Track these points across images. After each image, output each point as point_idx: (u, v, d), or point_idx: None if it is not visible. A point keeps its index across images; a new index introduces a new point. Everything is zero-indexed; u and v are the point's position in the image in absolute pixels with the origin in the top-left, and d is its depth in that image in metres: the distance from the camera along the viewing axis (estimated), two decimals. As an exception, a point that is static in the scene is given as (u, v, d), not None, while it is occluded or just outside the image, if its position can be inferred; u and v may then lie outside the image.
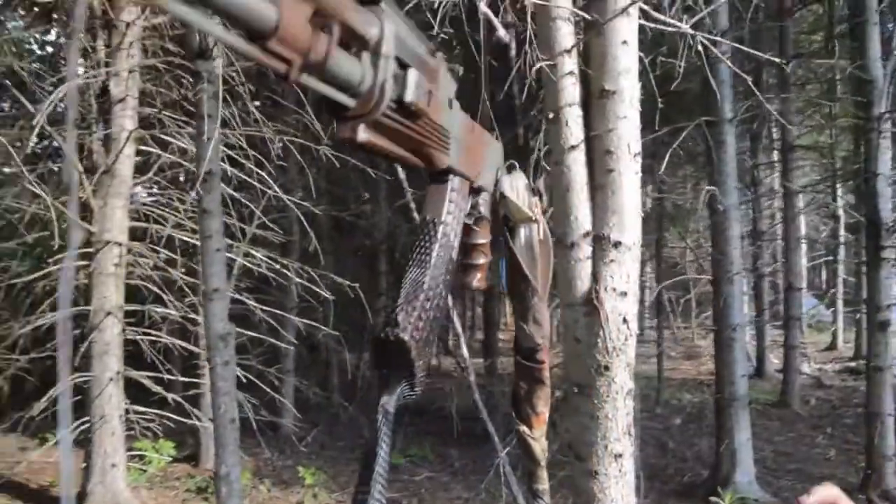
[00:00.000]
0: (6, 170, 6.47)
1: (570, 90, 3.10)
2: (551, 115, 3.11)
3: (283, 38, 0.42)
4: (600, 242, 3.04)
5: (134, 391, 6.80)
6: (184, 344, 7.07)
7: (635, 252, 3.01)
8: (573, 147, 3.09)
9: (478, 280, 0.89)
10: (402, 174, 5.37)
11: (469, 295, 15.45)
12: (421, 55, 0.59)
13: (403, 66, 0.56)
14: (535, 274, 0.88)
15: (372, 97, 0.52)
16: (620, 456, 2.89)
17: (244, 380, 7.23)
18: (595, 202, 3.11)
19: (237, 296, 7.64)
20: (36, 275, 6.87)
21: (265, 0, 0.41)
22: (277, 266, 7.91)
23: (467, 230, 0.87)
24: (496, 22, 3.05)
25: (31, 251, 7.97)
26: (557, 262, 3.28)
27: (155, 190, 7.65)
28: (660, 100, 3.63)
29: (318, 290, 7.60)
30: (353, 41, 0.50)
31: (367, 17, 0.51)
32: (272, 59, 0.43)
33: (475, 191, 0.85)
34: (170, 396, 6.80)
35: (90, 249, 6.61)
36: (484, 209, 0.86)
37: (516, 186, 0.88)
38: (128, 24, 6.45)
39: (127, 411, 6.45)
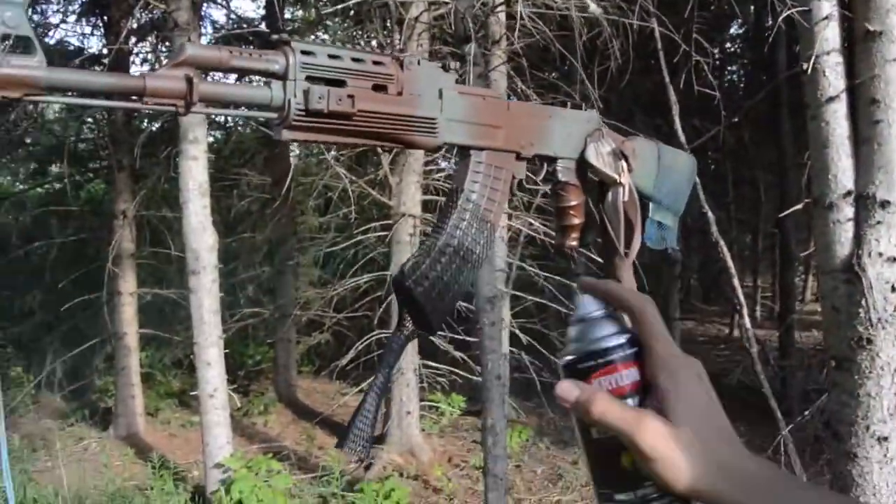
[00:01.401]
0: (322, 156, 7.50)
1: (828, 36, 2.82)
2: (805, 66, 2.86)
3: (154, 95, 0.65)
4: (864, 202, 2.76)
5: (430, 348, 7.54)
6: (469, 306, 7.62)
7: (908, 212, 2.67)
8: (832, 98, 2.82)
9: (572, 240, 0.98)
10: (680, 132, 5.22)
11: (768, 262, 14.33)
12: (358, 68, 0.77)
13: (331, 82, 0.74)
14: (618, 235, 0.93)
15: (283, 110, 0.72)
16: (885, 439, 2.61)
17: (524, 342, 7.60)
18: (858, 158, 2.82)
19: (521, 263, 8.03)
20: (347, 243, 7.91)
21: (133, 78, 0.65)
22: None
23: (556, 196, 0.96)
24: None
25: (349, 224, 9.16)
26: (814, 226, 3.01)
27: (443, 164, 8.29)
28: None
29: (594, 256, 7.65)
30: (261, 76, 0.73)
31: (271, 57, 0.72)
32: (157, 107, 0.66)
33: (548, 159, 0.93)
34: (458, 355, 7.40)
35: (389, 221, 7.41)
36: (563, 175, 0.95)
37: (601, 152, 0.94)
38: (416, 18, 7.05)
39: (421, 366, 7.19)
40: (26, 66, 0.61)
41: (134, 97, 0.66)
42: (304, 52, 0.73)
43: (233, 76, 0.85)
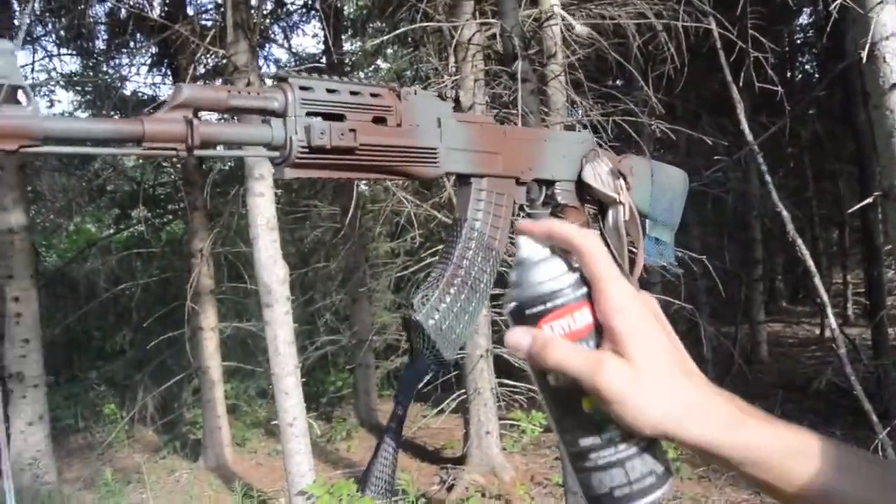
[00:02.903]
0: (387, 183, 7.60)
1: (885, 21, 2.69)
2: (863, 54, 2.74)
3: (153, 139, 0.64)
4: (937, 192, 2.60)
5: (506, 366, 7.50)
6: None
7: None
8: (895, 85, 2.68)
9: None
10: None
11: (854, 258, 13.67)
12: (356, 101, 0.76)
13: (330, 116, 0.74)
14: (622, 255, 0.91)
15: (285, 148, 0.71)
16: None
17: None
18: (928, 146, 2.66)
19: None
20: (417, 266, 7.97)
21: (131, 122, 0.63)
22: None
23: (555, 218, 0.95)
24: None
25: (417, 248, 9.25)
26: (888, 219, 2.86)
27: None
28: None
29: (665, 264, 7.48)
30: (260, 114, 0.71)
31: (270, 95, 0.71)
32: (157, 152, 0.65)
33: (546, 183, 0.92)
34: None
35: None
36: (562, 198, 0.93)
37: (598, 172, 0.92)
38: (469, 40, 7.11)
39: (498, 385, 7.15)
40: (19, 116, 0.57)
41: (133, 142, 0.65)
42: (302, 88, 0.73)
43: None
